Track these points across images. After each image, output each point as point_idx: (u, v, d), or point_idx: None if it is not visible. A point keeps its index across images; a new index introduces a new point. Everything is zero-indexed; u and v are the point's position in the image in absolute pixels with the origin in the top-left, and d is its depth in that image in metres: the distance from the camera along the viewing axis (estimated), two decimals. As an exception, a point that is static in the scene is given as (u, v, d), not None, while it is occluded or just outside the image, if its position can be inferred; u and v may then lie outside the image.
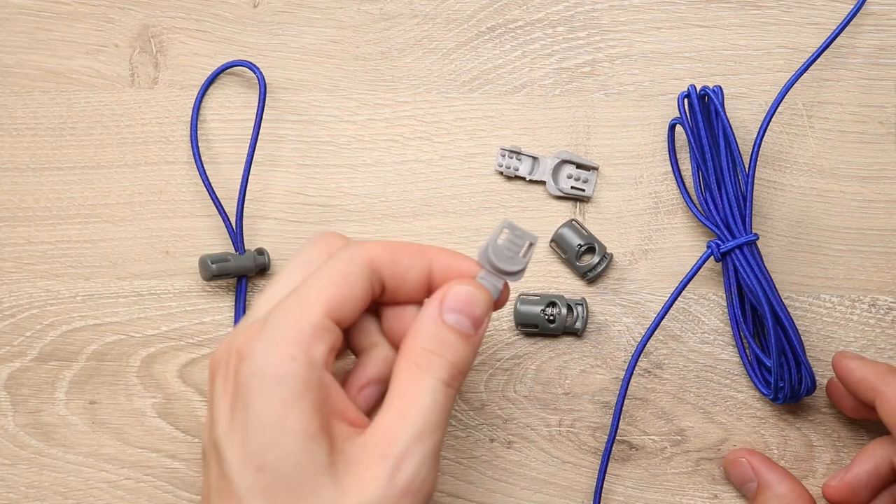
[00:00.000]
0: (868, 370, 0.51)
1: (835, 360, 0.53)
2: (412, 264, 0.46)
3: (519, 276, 0.46)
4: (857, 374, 0.52)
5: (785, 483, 0.53)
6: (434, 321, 0.45)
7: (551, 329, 0.56)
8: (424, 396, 0.43)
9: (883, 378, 0.51)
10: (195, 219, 0.58)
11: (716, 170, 0.55)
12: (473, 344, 0.45)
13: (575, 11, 0.59)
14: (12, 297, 0.57)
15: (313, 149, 0.58)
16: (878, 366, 0.52)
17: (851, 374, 0.52)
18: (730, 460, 0.55)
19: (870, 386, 0.51)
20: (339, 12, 0.59)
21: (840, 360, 0.53)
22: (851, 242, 0.58)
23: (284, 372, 0.42)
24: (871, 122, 0.58)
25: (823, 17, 0.59)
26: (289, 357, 0.42)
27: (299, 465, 0.41)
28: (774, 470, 0.54)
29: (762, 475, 0.54)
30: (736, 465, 0.55)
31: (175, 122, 0.58)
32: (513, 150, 0.58)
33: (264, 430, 0.42)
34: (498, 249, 0.46)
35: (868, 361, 0.52)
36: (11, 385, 0.57)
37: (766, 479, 0.54)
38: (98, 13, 0.59)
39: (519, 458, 0.56)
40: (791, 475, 0.54)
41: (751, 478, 0.54)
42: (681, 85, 0.58)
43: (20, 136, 0.58)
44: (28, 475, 0.56)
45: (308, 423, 0.42)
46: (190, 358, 0.57)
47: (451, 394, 0.44)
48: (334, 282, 0.44)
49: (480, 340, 0.46)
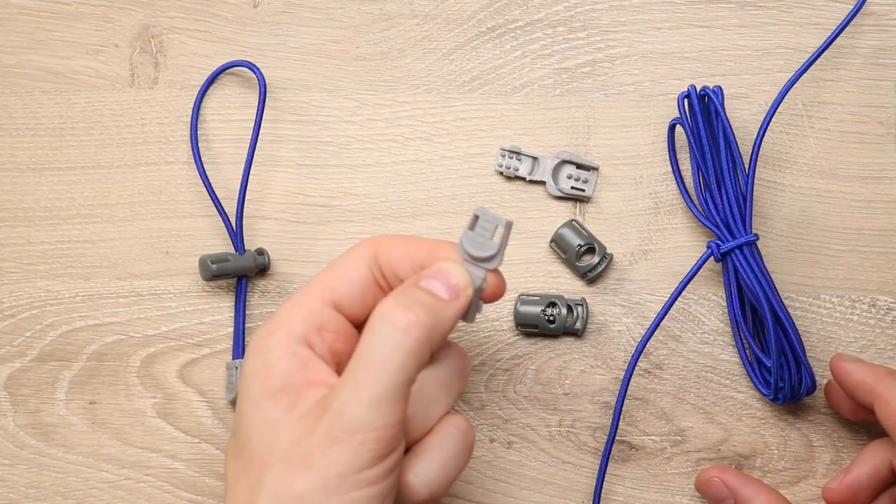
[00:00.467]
0: (866, 373, 0.51)
1: (832, 362, 0.53)
2: (408, 253, 0.47)
3: (495, 261, 0.46)
4: (855, 376, 0.51)
5: (762, 496, 0.53)
6: (408, 284, 0.45)
7: (551, 329, 0.56)
8: (372, 342, 0.43)
9: (882, 381, 0.50)
10: (195, 219, 0.58)
11: (716, 170, 0.55)
12: (445, 308, 0.45)
13: (575, 11, 0.59)
14: (12, 297, 0.57)
15: (313, 149, 0.58)
16: (876, 368, 0.51)
17: (849, 376, 0.52)
18: (702, 480, 0.55)
19: (868, 389, 0.51)
20: (339, 12, 0.59)
21: (838, 362, 0.53)
22: (851, 242, 0.58)
23: (261, 346, 0.46)
24: (871, 122, 0.58)
25: (823, 18, 0.58)
26: (267, 333, 0.46)
27: (256, 424, 0.44)
28: (750, 484, 0.54)
29: (738, 491, 0.54)
30: (710, 484, 0.54)
31: (175, 122, 0.58)
32: (513, 150, 0.58)
33: (239, 402, 0.46)
34: (470, 237, 0.46)
35: (866, 364, 0.52)
36: (11, 385, 0.57)
37: (743, 495, 0.53)
38: (98, 13, 0.59)
39: (519, 459, 0.56)
40: (766, 487, 0.54)
41: (726, 495, 0.54)
42: (681, 85, 0.58)
43: (20, 136, 0.58)
44: (28, 475, 0.56)
45: (268, 387, 0.44)
46: (190, 358, 0.57)
47: (409, 344, 0.43)
48: (332, 269, 0.47)
49: (456, 312, 0.45)
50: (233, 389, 0.56)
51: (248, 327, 0.57)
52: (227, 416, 0.57)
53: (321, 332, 0.46)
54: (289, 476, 0.42)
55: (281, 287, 0.57)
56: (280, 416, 0.44)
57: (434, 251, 0.47)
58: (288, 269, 0.57)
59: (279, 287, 0.57)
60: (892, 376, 0.50)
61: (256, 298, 0.57)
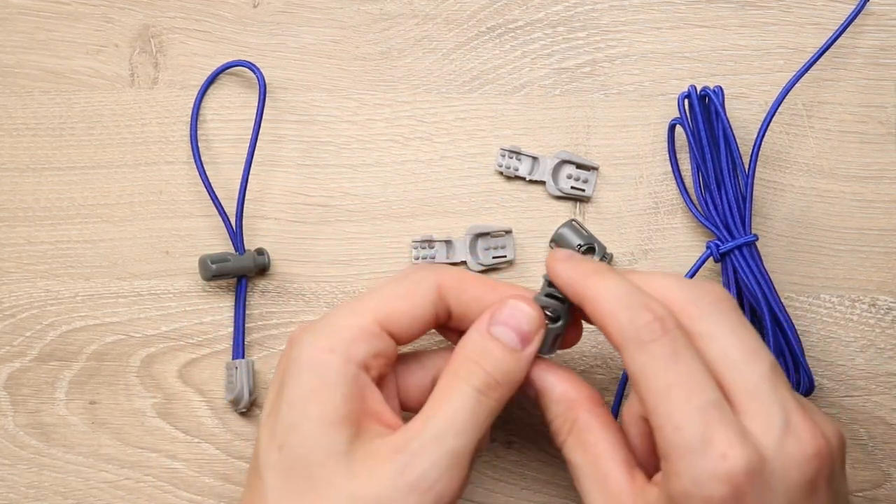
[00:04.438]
0: (573, 272, 0.46)
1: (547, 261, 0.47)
2: (481, 297, 0.47)
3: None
4: (563, 277, 0.46)
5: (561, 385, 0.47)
6: (480, 333, 0.46)
7: None
8: (452, 400, 0.44)
9: (586, 280, 0.45)
10: (195, 219, 0.58)
11: (716, 170, 0.55)
12: (518, 359, 0.46)
13: (575, 11, 0.59)
14: (12, 297, 0.57)
15: (313, 149, 0.58)
16: (583, 266, 0.46)
17: (558, 278, 0.47)
18: None
19: (573, 291, 0.46)
20: (339, 12, 0.59)
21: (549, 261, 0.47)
22: (851, 242, 0.58)
23: (319, 361, 0.45)
24: (871, 122, 0.58)
25: (823, 18, 0.58)
26: (327, 349, 0.45)
27: (314, 449, 0.44)
28: (552, 372, 0.48)
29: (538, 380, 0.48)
30: None
31: (175, 122, 0.58)
32: (513, 150, 0.58)
33: (290, 412, 0.44)
34: None
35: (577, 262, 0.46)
36: (11, 385, 0.57)
37: (543, 384, 0.48)
38: (98, 13, 0.59)
39: (519, 458, 0.56)
40: (566, 371, 0.48)
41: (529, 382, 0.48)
42: (681, 85, 0.58)
43: (20, 136, 0.58)
44: (28, 475, 0.56)
45: (329, 411, 0.44)
46: (190, 358, 0.57)
47: (486, 403, 0.45)
48: (397, 294, 0.47)
49: (529, 358, 0.46)
50: (233, 389, 0.56)
51: (248, 327, 0.57)
52: (227, 416, 0.57)
53: (377, 358, 0.46)
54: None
55: (281, 287, 0.57)
56: (343, 448, 0.44)
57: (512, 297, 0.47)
58: (288, 269, 0.57)
59: (279, 287, 0.57)
60: (597, 273, 0.45)
61: (256, 298, 0.57)
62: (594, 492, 0.45)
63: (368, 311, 0.46)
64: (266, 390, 0.56)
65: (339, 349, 0.45)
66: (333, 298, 0.57)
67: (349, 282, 0.57)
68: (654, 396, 0.42)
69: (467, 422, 0.44)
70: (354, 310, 0.46)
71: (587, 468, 0.45)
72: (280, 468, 0.44)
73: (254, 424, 0.56)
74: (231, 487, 0.56)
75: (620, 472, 0.45)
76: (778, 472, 0.42)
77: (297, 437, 0.44)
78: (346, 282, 0.57)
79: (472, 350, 0.46)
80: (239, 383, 0.55)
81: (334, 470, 0.43)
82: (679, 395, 0.42)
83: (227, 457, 0.56)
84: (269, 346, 0.57)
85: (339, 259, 0.57)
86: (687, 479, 0.41)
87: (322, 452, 0.44)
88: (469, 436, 0.44)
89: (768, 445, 0.42)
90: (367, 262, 0.57)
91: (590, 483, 0.45)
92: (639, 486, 0.44)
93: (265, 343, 0.57)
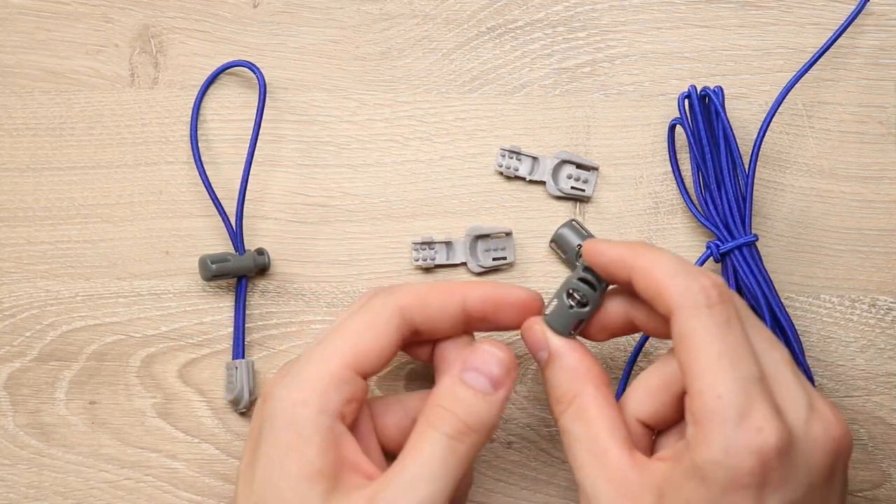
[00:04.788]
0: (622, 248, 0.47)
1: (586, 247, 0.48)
2: (443, 306, 0.48)
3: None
4: (611, 253, 0.47)
5: (574, 355, 0.48)
6: (451, 379, 0.46)
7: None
8: (423, 448, 0.45)
9: (636, 252, 0.46)
10: (195, 219, 0.58)
11: (716, 170, 0.55)
12: (491, 403, 0.46)
13: (575, 11, 0.59)
14: (12, 297, 0.57)
15: (313, 149, 0.58)
16: (630, 243, 0.47)
17: (604, 255, 0.47)
18: (525, 326, 0.50)
19: (623, 263, 0.46)
20: (339, 12, 0.59)
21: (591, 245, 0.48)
22: (851, 242, 0.58)
23: (294, 416, 0.44)
24: (871, 122, 0.58)
25: (824, 18, 0.59)
26: (300, 402, 0.45)
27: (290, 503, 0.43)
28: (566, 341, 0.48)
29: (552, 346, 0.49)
30: (531, 332, 0.50)
31: (175, 122, 0.58)
32: (513, 150, 0.58)
33: (267, 469, 0.44)
34: None
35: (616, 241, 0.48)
36: (11, 385, 0.57)
37: (557, 350, 0.48)
38: (98, 13, 0.59)
39: (519, 458, 0.56)
40: (581, 345, 0.49)
41: (543, 346, 0.49)
42: (681, 85, 0.58)
43: (20, 136, 0.58)
44: (28, 475, 0.56)
45: (305, 465, 0.44)
46: (190, 358, 0.57)
47: (459, 449, 0.45)
48: (360, 333, 0.47)
49: (502, 400, 0.47)
50: (232, 389, 0.56)
51: (248, 327, 0.57)
52: (227, 416, 0.57)
53: (350, 403, 0.46)
54: None
55: (281, 287, 0.57)
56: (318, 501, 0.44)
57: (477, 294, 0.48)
58: (288, 269, 0.57)
59: (279, 287, 0.57)
60: (645, 247, 0.46)
61: (256, 298, 0.57)
62: (591, 464, 0.45)
63: (336, 354, 0.46)
64: (266, 390, 0.57)
65: (312, 401, 0.45)
66: (333, 298, 0.57)
67: (349, 282, 0.57)
68: (702, 361, 0.43)
69: (438, 469, 0.44)
70: (323, 356, 0.46)
71: (586, 441, 0.46)
72: None
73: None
74: (231, 487, 0.56)
75: (620, 449, 0.45)
76: (803, 453, 0.43)
77: (274, 493, 0.44)
78: (346, 282, 0.57)
79: (444, 397, 0.46)
80: (239, 383, 0.55)
81: None
82: (726, 363, 0.42)
83: (227, 457, 0.56)
84: (269, 346, 0.57)
85: (339, 259, 0.57)
86: (718, 448, 0.42)
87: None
88: (441, 483, 0.44)
89: (797, 426, 0.43)
90: (367, 262, 0.57)
91: (587, 455, 0.45)
92: (639, 462, 0.45)
93: (265, 343, 0.57)
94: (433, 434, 0.45)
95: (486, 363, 0.47)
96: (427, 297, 0.48)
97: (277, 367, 0.57)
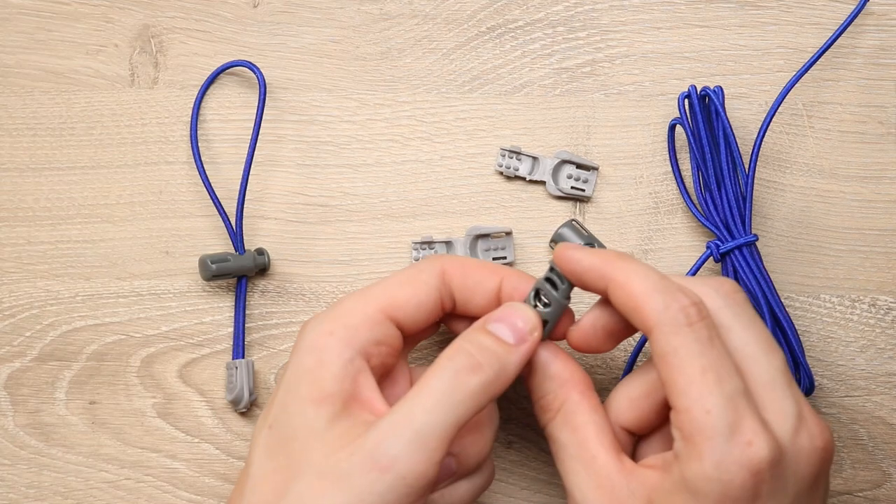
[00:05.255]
0: (596, 258, 0.46)
1: (557, 253, 0.48)
2: (482, 281, 0.48)
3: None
4: (584, 263, 0.46)
5: (556, 363, 0.48)
6: (476, 328, 0.46)
7: None
8: (430, 380, 0.44)
9: (612, 263, 0.46)
10: (195, 219, 0.58)
11: (716, 170, 0.55)
12: (510, 352, 0.46)
13: (575, 11, 0.59)
14: (12, 297, 0.57)
15: (313, 149, 0.58)
16: (604, 252, 0.47)
17: (578, 264, 0.47)
18: None
19: (599, 274, 0.46)
20: (339, 12, 0.59)
21: (564, 251, 0.47)
22: (851, 242, 0.58)
23: (317, 343, 0.45)
24: (871, 122, 0.58)
25: (824, 18, 0.59)
26: (327, 332, 0.46)
27: (296, 425, 0.44)
28: (547, 348, 0.48)
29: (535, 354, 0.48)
30: None
31: (175, 122, 0.58)
32: (513, 150, 0.58)
33: (283, 391, 0.46)
34: None
35: (592, 249, 0.47)
36: (11, 385, 0.57)
37: (538, 359, 0.48)
38: (98, 13, 0.59)
39: (519, 458, 0.56)
40: (563, 352, 0.48)
41: None
42: (681, 85, 0.58)
43: (20, 136, 0.58)
44: (28, 475, 0.56)
45: (315, 390, 0.44)
46: (190, 358, 0.57)
47: (466, 385, 0.44)
48: (399, 283, 0.47)
49: (523, 355, 0.46)
50: (233, 389, 0.56)
51: (248, 327, 0.57)
52: (227, 416, 0.57)
53: (379, 346, 0.46)
54: (320, 490, 0.42)
55: (281, 287, 0.57)
56: (322, 425, 0.44)
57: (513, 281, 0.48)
58: (288, 269, 0.57)
59: (279, 287, 0.57)
60: (621, 258, 0.46)
61: (256, 298, 0.57)
62: (580, 472, 0.45)
63: (373, 298, 0.47)
64: (266, 390, 0.57)
65: (339, 332, 0.45)
66: (333, 298, 0.57)
67: (349, 282, 0.57)
68: (685, 379, 0.43)
69: (439, 400, 0.43)
70: (359, 298, 0.47)
71: (574, 448, 0.46)
72: (266, 445, 0.45)
73: (254, 424, 0.56)
74: (231, 487, 0.56)
75: (608, 455, 0.45)
76: (791, 463, 0.43)
77: (285, 414, 0.45)
78: (346, 282, 0.57)
79: (463, 338, 0.46)
80: (239, 383, 0.55)
81: (312, 446, 0.44)
82: (711, 379, 0.42)
83: (227, 457, 0.56)
84: (269, 346, 0.57)
85: (339, 259, 0.58)
86: (709, 463, 0.42)
87: (303, 429, 0.44)
88: (440, 416, 0.43)
89: (784, 437, 0.43)
90: (367, 262, 0.57)
91: (575, 463, 0.45)
92: (627, 468, 0.45)
93: (265, 343, 0.57)
94: (443, 370, 0.44)
95: (510, 315, 0.47)
96: (469, 268, 0.48)
97: (278, 367, 0.57)
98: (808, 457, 0.44)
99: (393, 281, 0.48)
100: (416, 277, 0.47)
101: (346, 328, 0.46)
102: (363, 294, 0.47)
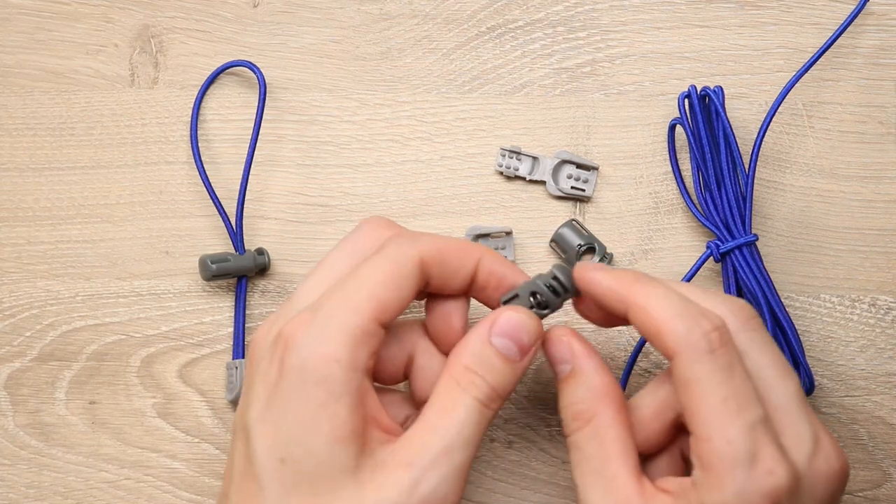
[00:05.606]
0: (615, 280, 0.46)
1: (577, 274, 0.48)
2: (461, 265, 0.47)
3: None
4: (603, 285, 0.46)
5: (599, 374, 0.47)
6: (481, 341, 0.46)
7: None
8: (459, 413, 0.44)
9: (632, 287, 0.45)
10: (195, 219, 0.58)
11: (716, 170, 0.55)
12: (516, 370, 0.46)
13: (575, 11, 0.59)
14: (12, 297, 0.57)
15: (313, 149, 0.58)
16: (624, 274, 0.46)
17: (597, 286, 0.47)
18: (551, 336, 0.49)
19: (618, 297, 0.46)
20: (339, 12, 0.59)
21: (583, 273, 0.47)
22: (851, 242, 0.58)
23: (327, 373, 0.43)
24: (871, 122, 0.58)
25: (824, 18, 0.59)
26: (333, 358, 0.43)
27: (323, 464, 0.43)
28: (592, 358, 0.47)
29: (579, 360, 0.47)
30: (557, 343, 0.48)
31: (175, 122, 0.58)
32: (513, 150, 0.58)
33: (296, 426, 0.43)
34: None
35: (613, 270, 0.47)
36: (11, 385, 0.57)
37: (582, 366, 0.47)
38: (98, 13, 0.59)
39: (519, 458, 0.56)
40: (604, 364, 0.48)
41: (567, 360, 0.47)
42: (681, 85, 0.58)
43: (20, 136, 0.58)
44: (28, 475, 0.56)
45: (339, 426, 0.43)
46: (190, 358, 0.57)
47: (487, 415, 0.45)
48: (385, 283, 0.45)
49: (524, 369, 0.46)
50: (233, 389, 0.56)
51: (249, 327, 0.57)
52: (227, 416, 0.57)
53: (373, 356, 0.45)
54: None
55: (281, 287, 0.57)
56: (353, 463, 0.43)
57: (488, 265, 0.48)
58: (288, 269, 0.57)
59: (279, 287, 0.57)
60: (640, 281, 0.46)
61: (256, 298, 0.57)
62: (599, 488, 0.45)
63: (363, 307, 0.44)
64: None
65: (345, 358, 0.43)
66: (333, 298, 0.57)
67: (349, 282, 0.57)
68: (706, 407, 0.43)
69: (472, 435, 0.44)
70: (351, 305, 0.44)
71: (597, 463, 0.45)
72: (283, 480, 0.43)
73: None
74: (231, 487, 0.56)
75: (629, 476, 0.45)
76: (808, 487, 0.43)
77: (304, 452, 0.43)
78: (346, 282, 0.57)
79: (474, 359, 0.45)
80: (239, 383, 0.55)
81: (343, 484, 0.43)
82: (732, 408, 0.43)
83: (227, 457, 0.56)
84: (269, 346, 0.57)
85: (339, 259, 0.57)
86: (730, 492, 0.42)
87: (331, 468, 0.43)
88: (473, 448, 0.44)
89: (801, 462, 0.44)
90: (367, 262, 0.57)
91: (596, 478, 0.45)
92: (647, 492, 0.44)
93: (265, 343, 0.57)
94: (466, 399, 0.44)
95: (516, 330, 0.46)
96: (446, 253, 0.47)
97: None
98: (825, 480, 0.44)
99: (374, 281, 0.45)
100: (399, 274, 0.45)
101: (349, 350, 0.44)
102: (349, 299, 0.45)
